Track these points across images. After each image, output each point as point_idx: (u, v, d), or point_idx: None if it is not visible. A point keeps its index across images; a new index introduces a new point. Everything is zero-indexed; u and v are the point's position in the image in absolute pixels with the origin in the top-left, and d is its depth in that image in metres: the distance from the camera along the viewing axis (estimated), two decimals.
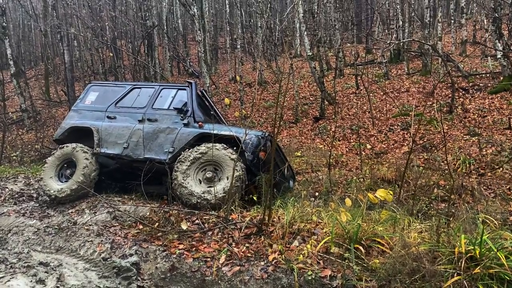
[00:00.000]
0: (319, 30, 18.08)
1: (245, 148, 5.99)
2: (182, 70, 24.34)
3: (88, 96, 7.51)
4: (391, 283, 3.63)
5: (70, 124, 7.27)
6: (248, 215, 5.08)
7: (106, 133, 6.85)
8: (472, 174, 7.86)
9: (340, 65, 17.92)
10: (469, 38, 19.49)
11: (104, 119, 7.06)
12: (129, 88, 7.38)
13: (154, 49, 20.60)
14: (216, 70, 23.06)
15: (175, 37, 25.65)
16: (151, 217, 5.29)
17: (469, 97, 12.58)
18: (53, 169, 6.93)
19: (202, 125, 6.42)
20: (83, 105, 7.44)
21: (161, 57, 23.22)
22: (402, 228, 4.29)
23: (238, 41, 19.34)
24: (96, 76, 22.45)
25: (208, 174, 5.98)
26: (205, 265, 4.18)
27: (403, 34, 18.16)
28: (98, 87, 7.76)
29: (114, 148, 6.72)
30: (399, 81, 15.67)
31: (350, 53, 21.44)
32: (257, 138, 6.16)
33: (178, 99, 6.71)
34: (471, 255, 3.59)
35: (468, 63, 16.08)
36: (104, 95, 7.39)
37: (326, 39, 20.23)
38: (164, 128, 6.53)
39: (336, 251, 4.10)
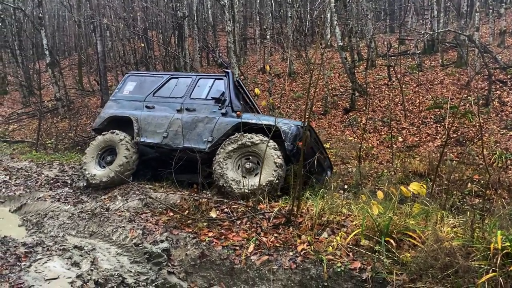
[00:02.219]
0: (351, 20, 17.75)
1: (284, 137, 5.99)
2: (211, 61, 24.44)
3: (126, 86, 7.60)
4: (423, 277, 3.56)
5: (109, 113, 7.38)
6: (277, 205, 5.08)
7: (145, 123, 6.94)
8: (508, 169, 7.60)
9: (372, 55, 17.56)
10: (508, 29, 18.74)
11: (142, 108, 7.15)
12: (167, 78, 7.42)
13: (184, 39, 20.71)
14: (245, 60, 23.04)
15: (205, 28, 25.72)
16: (181, 205, 5.37)
17: (507, 90, 12.11)
18: (94, 155, 7.10)
19: (240, 115, 6.43)
20: (121, 95, 7.54)
21: (191, 48, 23.35)
22: (434, 223, 4.20)
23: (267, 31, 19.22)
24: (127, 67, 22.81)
25: (247, 165, 6.01)
26: (234, 254, 4.22)
27: (437, 24, 17.62)
28: (136, 77, 7.82)
29: (153, 137, 6.80)
30: (432, 72, 15.25)
31: (382, 43, 20.98)
32: (296, 128, 6.11)
33: (215, 89, 6.77)
34: (507, 252, 3.48)
35: (507, 55, 15.47)
36: (141, 85, 7.48)
37: (358, 29, 19.84)
38: (203, 118, 6.58)
39: (366, 243, 4.06)
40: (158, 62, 23.24)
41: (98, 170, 6.95)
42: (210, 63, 24.48)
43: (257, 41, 23.43)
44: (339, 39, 14.38)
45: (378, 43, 20.80)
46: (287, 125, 6.15)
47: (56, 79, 18.55)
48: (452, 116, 9.64)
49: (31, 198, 6.49)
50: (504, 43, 16.89)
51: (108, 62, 22.72)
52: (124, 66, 22.97)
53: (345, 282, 3.75)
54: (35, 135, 13.63)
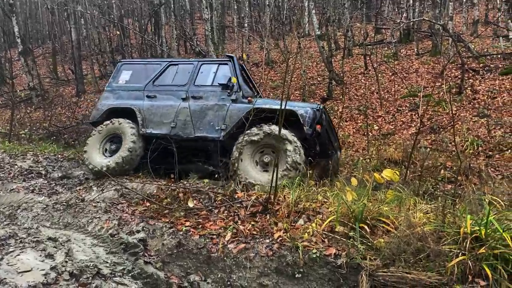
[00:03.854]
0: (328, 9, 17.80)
1: (303, 122, 5.83)
2: (189, 49, 24.18)
3: (121, 75, 7.27)
4: (396, 262, 3.65)
5: (107, 105, 7.05)
6: (254, 193, 5.10)
7: (150, 113, 6.66)
8: (479, 156, 7.82)
9: (349, 44, 17.68)
10: (481, 18, 19.11)
11: (143, 98, 6.86)
12: (165, 65, 7.12)
13: (161, 27, 20.44)
14: (223, 49, 22.89)
15: (182, 16, 25.38)
16: (158, 195, 5.34)
17: (479, 78, 12.40)
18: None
19: (251, 100, 6.22)
20: (118, 85, 7.20)
21: (168, 36, 23.03)
22: (407, 208, 4.30)
23: (245, 19, 19.09)
24: (103, 55, 22.39)
25: (265, 159, 5.88)
26: (211, 242, 4.23)
27: (413, 13, 17.84)
28: (130, 65, 7.50)
29: (160, 128, 6.53)
30: (408, 61, 15.47)
31: (359, 32, 21.13)
32: (313, 111, 5.94)
33: (221, 75, 6.53)
34: (476, 236, 3.59)
35: (479, 44, 15.80)
36: (138, 74, 7.17)
37: (335, 18, 19.91)
38: (212, 105, 6.35)
39: (341, 230, 4.12)
40: (135, 50, 22.87)
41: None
42: (188, 51, 24.21)
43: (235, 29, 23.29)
44: (317, 28, 14.42)
45: (355, 32, 20.94)
46: (303, 108, 5.95)
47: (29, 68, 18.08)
48: (426, 104, 9.83)
49: (4, 190, 6.34)
50: (477, 32, 17.22)
51: (83, 51, 22.24)
52: (99, 55, 22.53)
53: (321, 268, 3.81)
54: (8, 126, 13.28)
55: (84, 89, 18.24)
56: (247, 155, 5.91)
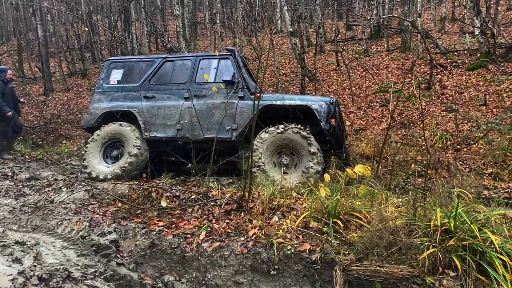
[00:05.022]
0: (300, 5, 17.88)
1: (319, 117, 5.67)
2: (160, 46, 23.85)
3: (111, 74, 6.86)
4: (369, 256, 3.70)
5: (102, 108, 6.64)
6: (228, 191, 5.08)
7: (150, 115, 6.31)
8: (448, 150, 8.00)
9: (321, 41, 17.82)
10: (448, 15, 19.60)
11: (141, 99, 6.49)
12: (160, 62, 6.72)
13: (131, 24, 20.06)
14: (195, 45, 22.68)
15: (153, 12, 25.00)
16: (130, 195, 5.24)
17: (447, 74, 12.72)
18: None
19: (259, 97, 5.83)
20: (109, 86, 6.79)
21: (139, 32, 22.66)
22: (379, 203, 4.36)
23: (217, 16, 18.97)
24: (71, 52, 21.83)
25: (285, 161, 5.69)
26: (185, 242, 4.19)
27: (383, 10, 18.12)
28: (120, 63, 7.04)
29: (165, 130, 6.22)
30: (379, 57, 15.72)
31: (331, 29, 21.32)
32: (327, 105, 5.78)
33: (223, 70, 6.21)
34: (446, 228, 3.68)
35: (447, 40, 16.21)
36: (130, 72, 6.78)
37: (307, 15, 20.02)
38: (219, 104, 6.06)
39: (315, 225, 4.15)
40: (104, 47, 22.41)
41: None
42: (159, 48, 23.88)
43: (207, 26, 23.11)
44: (289, 24, 14.46)
45: (327, 29, 21.12)
46: (317, 103, 5.75)
47: None
48: (397, 100, 10.01)
49: None
50: (445, 28, 17.66)
51: (50, 48, 21.62)
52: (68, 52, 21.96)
53: (295, 264, 3.82)
54: None
55: (52, 87, 17.74)
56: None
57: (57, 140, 11.56)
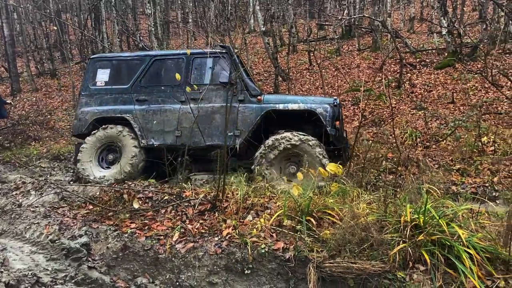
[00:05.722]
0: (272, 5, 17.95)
1: (325, 121, 5.50)
2: (132, 45, 23.49)
3: (97, 75, 6.40)
4: (341, 252, 3.75)
5: (91, 114, 6.27)
6: (202, 191, 5.06)
7: (146, 121, 5.98)
8: (418, 147, 8.19)
9: (293, 41, 17.93)
10: (416, 15, 20.05)
11: (133, 103, 6.12)
12: (149, 60, 6.25)
13: (101, 23, 19.68)
14: (168, 45, 22.45)
15: (124, 10, 24.60)
16: (101, 197, 5.15)
17: (416, 73, 13.01)
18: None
19: (261, 99, 5.68)
20: (96, 88, 6.37)
21: (110, 32, 22.26)
22: (351, 200, 4.43)
23: (190, 15, 18.84)
24: (40, 51, 21.25)
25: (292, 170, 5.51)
26: (158, 243, 4.15)
27: (354, 10, 18.38)
28: (105, 62, 6.52)
29: (163, 138, 5.91)
30: (350, 57, 15.93)
31: (303, 29, 21.49)
32: (331, 108, 5.59)
33: (219, 70, 5.86)
34: (415, 224, 3.77)
35: (416, 39, 16.57)
36: (118, 72, 6.35)
37: (280, 15, 20.11)
38: (218, 108, 5.75)
39: (288, 224, 4.18)
40: (74, 46, 21.92)
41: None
42: (131, 47, 23.52)
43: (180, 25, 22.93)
44: (261, 24, 14.49)
45: (299, 29, 21.28)
46: (321, 106, 5.54)
47: None
48: (368, 99, 10.17)
49: None
50: (413, 28, 18.06)
51: (17, 47, 20.99)
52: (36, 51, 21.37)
53: (269, 262, 3.84)
54: None
55: (19, 88, 17.23)
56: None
57: (26, 142, 11.25)
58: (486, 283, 3.36)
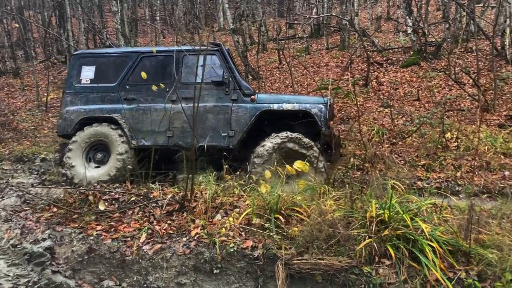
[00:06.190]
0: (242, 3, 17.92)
1: (319, 122, 5.49)
2: (99, 43, 22.98)
3: (82, 72, 6.15)
4: (309, 249, 3.79)
5: (77, 114, 6.04)
6: (170, 192, 5.00)
7: (135, 121, 5.82)
8: (384, 144, 8.36)
9: (263, 39, 17.97)
10: (383, 14, 20.45)
11: (121, 101, 5.93)
12: (137, 57, 6.05)
13: (66, 20, 19.15)
14: (136, 43, 22.09)
15: (90, 8, 24.04)
16: (65, 199, 5.01)
17: (383, 71, 13.27)
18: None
19: (254, 99, 5.61)
20: (81, 86, 6.13)
21: (75, 29, 21.70)
22: (319, 197, 4.47)
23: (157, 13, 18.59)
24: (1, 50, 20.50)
25: None
26: (125, 245, 4.07)
27: (322, 9, 18.57)
28: (90, 58, 6.27)
29: (154, 138, 5.76)
30: (319, 55, 16.10)
31: (273, 27, 21.56)
32: (325, 108, 5.60)
33: (210, 69, 5.71)
34: (381, 219, 3.84)
35: (383, 38, 16.90)
36: (104, 69, 6.11)
37: (249, 13, 20.11)
38: (211, 108, 5.67)
39: (257, 222, 4.19)
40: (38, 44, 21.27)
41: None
42: (98, 45, 23.01)
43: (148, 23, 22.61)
44: (231, 22, 14.45)
45: (269, 27, 21.34)
46: (315, 106, 5.54)
47: None
48: (336, 97, 10.30)
49: None
50: (380, 27, 18.41)
51: None
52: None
53: (238, 261, 3.84)
54: None
55: None
56: None
57: None
58: (448, 275, 3.46)
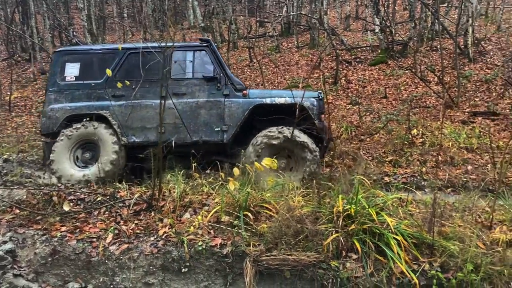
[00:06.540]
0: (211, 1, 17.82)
1: (313, 116, 5.59)
2: (65, 41, 22.39)
3: (66, 69, 5.99)
4: (278, 245, 3.80)
5: (63, 111, 5.84)
6: (138, 191, 4.92)
7: (125, 118, 5.70)
8: (353, 140, 8.50)
9: (234, 37, 17.92)
10: (352, 13, 20.74)
11: (109, 98, 5.81)
12: (123, 53, 5.94)
13: (30, 17, 18.55)
14: (103, 40, 21.63)
15: (55, 4, 23.36)
16: (28, 200, 4.84)
17: (351, 69, 13.47)
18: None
19: (246, 94, 5.66)
20: (66, 83, 5.95)
21: (40, 27, 21.06)
22: (288, 193, 4.50)
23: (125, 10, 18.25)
24: None
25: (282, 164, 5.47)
26: (91, 246, 3.98)
27: (292, 8, 18.68)
28: (74, 55, 6.12)
29: (145, 135, 5.72)
30: (289, 54, 16.17)
31: (243, 25, 21.53)
32: (317, 101, 5.74)
33: (200, 64, 5.78)
34: (348, 214, 3.90)
35: (351, 37, 17.14)
36: (89, 66, 5.98)
37: (219, 11, 20.02)
38: (203, 103, 5.71)
39: (226, 219, 4.17)
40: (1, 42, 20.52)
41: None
42: (64, 43, 22.40)
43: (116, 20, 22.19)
44: (200, 19, 14.34)
45: (240, 25, 21.30)
46: (308, 100, 5.62)
47: None
48: None
49: None
50: (349, 26, 18.67)
51: None
52: None
53: (207, 259, 3.82)
54: None
55: None
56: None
57: None
58: (412, 267, 3.55)
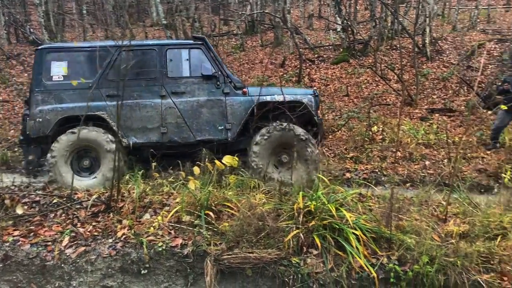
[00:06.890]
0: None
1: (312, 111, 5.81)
2: (21, 38, 21.53)
3: (52, 68, 5.65)
4: (240, 243, 3.79)
5: (55, 113, 5.53)
6: (96, 192, 4.79)
7: (123, 118, 5.46)
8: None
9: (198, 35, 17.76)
10: (315, 12, 20.98)
11: (103, 98, 5.54)
12: (115, 51, 5.63)
13: None
14: (63, 37, 20.95)
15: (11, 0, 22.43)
16: None
17: (314, 68, 13.63)
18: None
19: (246, 92, 5.72)
20: (53, 83, 5.62)
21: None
22: (249, 191, 4.49)
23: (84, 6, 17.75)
24: None
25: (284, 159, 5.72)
26: (46, 250, 3.83)
27: (256, 6, 18.70)
28: (60, 53, 5.78)
29: (147, 135, 5.59)
30: (253, 52, 16.20)
31: (207, 23, 21.37)
32: (314, 98, 5.97)
33: (197, 63, 5.70)
34: (308, 210, 3.93)
35: (314, 36, 17.34)
36: (78, 65, 5.68)
37: (183, 8, 19.76)
38: (204, 102, 5.70)
39: (187, 219, 4.12)
40: None
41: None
42: (21, 40, 21.54)
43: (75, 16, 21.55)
44: (163, 17, 14.13)
45: (204, 23, 21.13)
46: (305, 96, 5.86)
47: None
48: None
49: None
50: (312, 25, 18.88)
51: None
52: None
53: (167, 260, 3.76)
54: None
55: None
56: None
57: None
58: (371, 261, 3.62)
